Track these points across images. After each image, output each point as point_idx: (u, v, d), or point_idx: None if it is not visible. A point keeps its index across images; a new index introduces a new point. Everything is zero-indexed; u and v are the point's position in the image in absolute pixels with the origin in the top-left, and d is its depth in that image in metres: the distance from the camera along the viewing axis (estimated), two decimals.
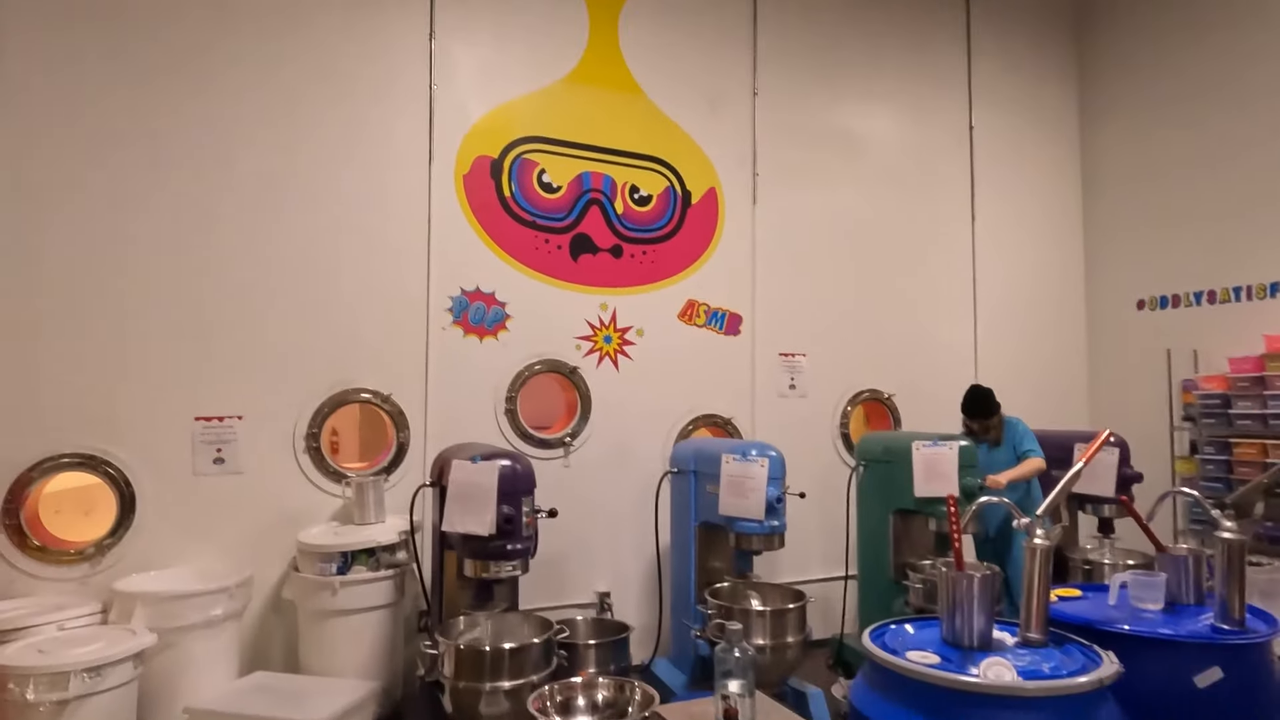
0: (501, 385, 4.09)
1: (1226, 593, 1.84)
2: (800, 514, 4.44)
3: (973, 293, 5.34)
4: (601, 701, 1.61)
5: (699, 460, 3.72)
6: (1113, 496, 4.15)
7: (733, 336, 4.64)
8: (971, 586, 1.77)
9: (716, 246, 4.62)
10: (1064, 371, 5.60)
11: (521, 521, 2.95)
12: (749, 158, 4.73)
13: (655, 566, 4.18)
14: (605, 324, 4.33)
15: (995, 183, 5.46)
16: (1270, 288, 4.72)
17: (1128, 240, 5.53)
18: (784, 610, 3.28)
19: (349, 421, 5.05)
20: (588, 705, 1.61)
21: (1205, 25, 5.10)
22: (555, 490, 4.00)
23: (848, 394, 4.93)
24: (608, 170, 4.36)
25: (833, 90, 5.00)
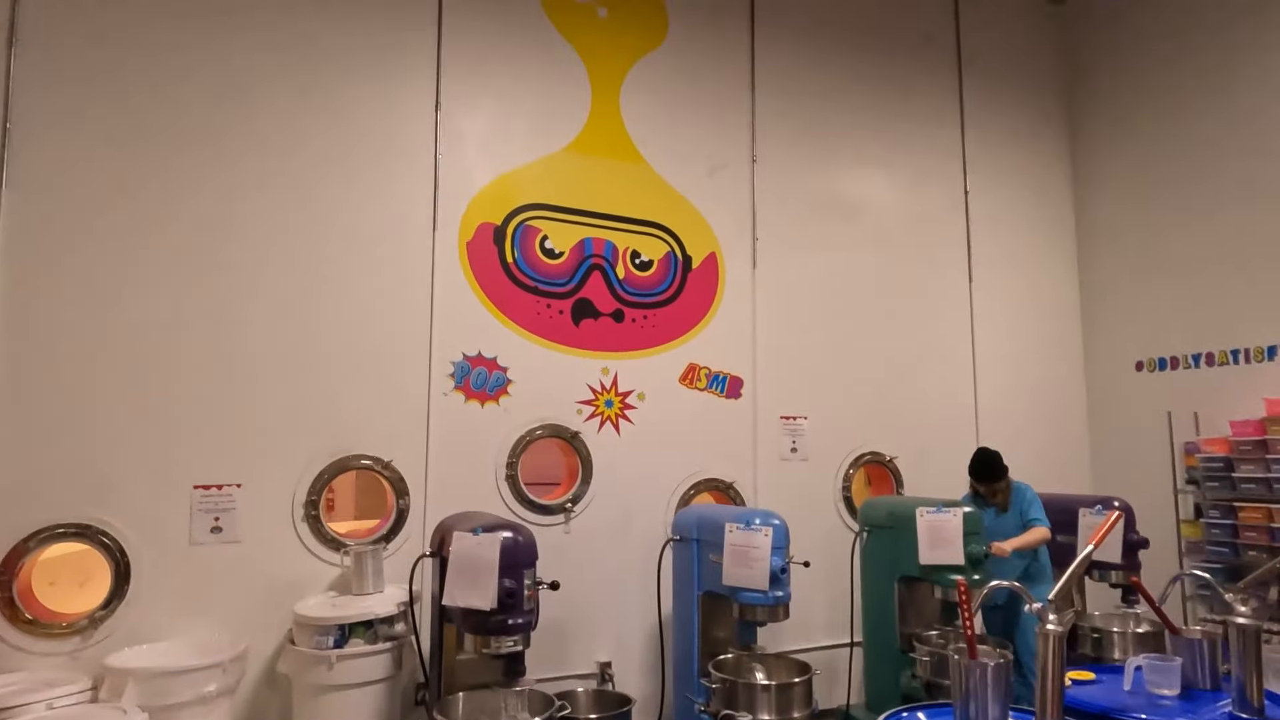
0: (503, 451, 4.07)
1: (1244, 679, 1.80)
2: (804, 580, 4.37)
3: (972, 355, 5.36)
4: None
5: (701, 528, 3.69)
6: (1119, 563, 4.11)
7: (734, 400, 4.64)
8: (985, 676, 1.74)
9: (717, 310, 4.65)
10: (1065, 433, 5.60)
11: (523, 595, 2.91)
12: (748, 223, 4.80)
13: (658, 636, 4.11)
14: (607, 388, 4.33)
15: (992, 247, 5.53)
16: (1268, 350, 4.75)
17: (1124, 302, 5.58)
18: (790, 684, 3.21)
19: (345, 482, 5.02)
20: None
21: (1191, 90, 5.23)
22: (556, 557, 3.95)
23: (849, 457, 4.91)
24: (609, 236, 4.41)
25: (830, 157, 5.09)
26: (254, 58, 3.76)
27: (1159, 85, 5.43)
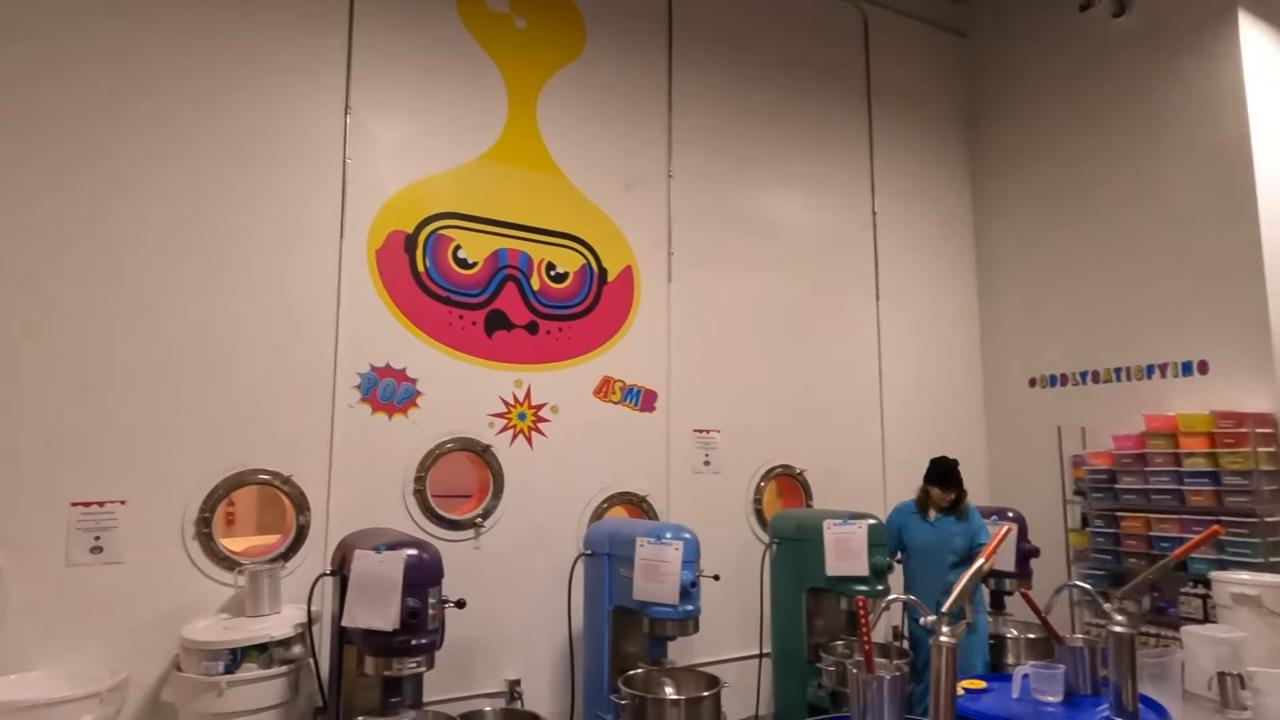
0: (410, 464, 3.97)
1: (1120, 684, 1.90)
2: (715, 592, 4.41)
3: (878, 371, 5.53)
4: None
5: (613, 543, 3.67)
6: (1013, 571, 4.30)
7: (648, 413, 4.65)
8: (882, 689, 1.78)
9: (632, 323, 4.66)
10: (964, 447, 5.82)
11: (428, 614, 2.83)
12: (664, 237, 4.83)
13: (569, 653, 4.06)
14: (519, 401, 4.28)
15: (898, 268, 5.73)
16: (1147, 369, 5.07)
17: (1019, 323, 5.86)
18: (698, 699, 3.22)
19: (246, 497, 4.80)
20: None
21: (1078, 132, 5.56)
22: (465, 573, 3.87)
23: (761, 470, 4.99)
24: (524, 247, 4.37)
25: (744, 175, 5.19)
26: (148, 44, 3.57)
27: (1049, 125, 5.76)
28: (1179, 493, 4.60)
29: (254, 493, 4.69)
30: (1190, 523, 4.56)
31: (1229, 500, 4.42)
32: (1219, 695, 2.60)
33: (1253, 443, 4.37)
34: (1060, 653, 2.11)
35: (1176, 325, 4.94)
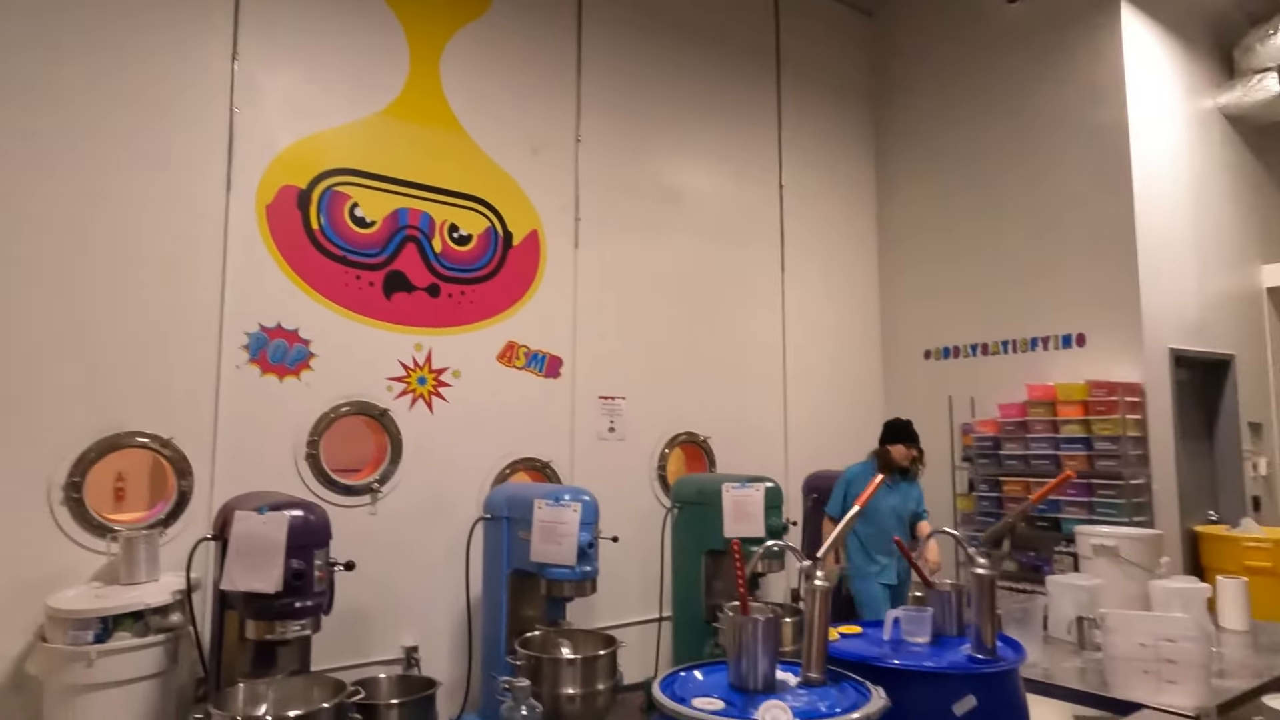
0: (303, 428, 3.83)
1: (980, 625, 2.00)
2: (618, 557, 4.46)
3: (782, 341, 5.65)
4: None
5: (512, 506, 3.65)
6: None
7: (553, 379, 4.62)
8: (756, 630, 1.82)
9: (538, 289, 4.61)
10: (863, 415, 6.02)
11: (313, 576, 2.75)
12: (571, 203, 4.79)
13: (466, 618, 4.03)
14: (420, 365, 4.18)
15: (803, 240, 5.85)
16: (1031, 342, 5.33)
17: (916, 296, 6.07)
18: (594, 657, 3.24)
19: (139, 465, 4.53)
20: None
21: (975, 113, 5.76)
22: (361, 540, 3.79)
23: (665, 437, 5.03)
24: (426, 208, 4.26)
25: (654, 144, 5.18)
26: None
27: (948, 105, 5.95)
28: (1055, 458, 4.87)
29: (145, 465, 4.45)
30: (1067, 487, 4.84)
31: (1099, 464, 4.71)
32: (1077, 638, 2.79)
33: (1122, 410, 4.66)
34: (929, 597, 2.21)
35: (1058, 301, 5.21)
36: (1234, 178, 5.76)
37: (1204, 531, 5.11)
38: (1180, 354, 5.07)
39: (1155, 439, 4.82)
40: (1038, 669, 2.59)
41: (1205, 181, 5.51)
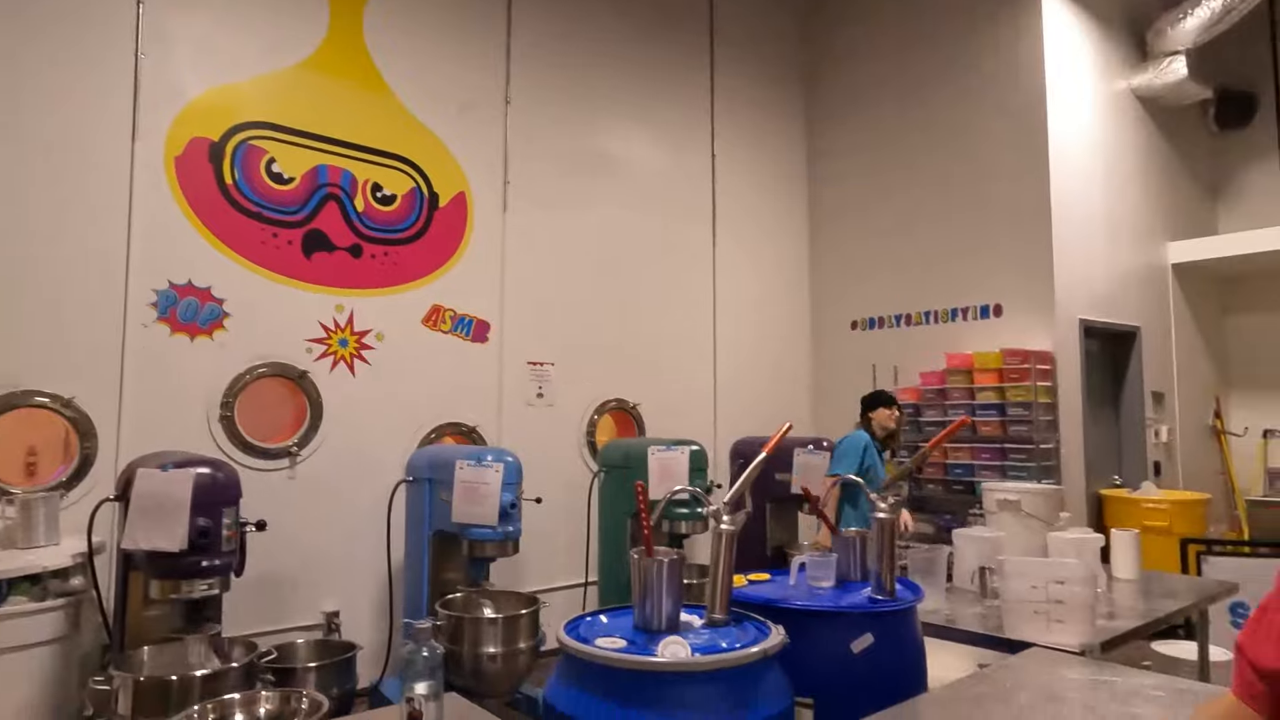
0: (217, 390, 3.72)
1: (880, 567, 2.06)
2: (546, 523, 4.47)
3: (713, 310, 5.69)
4: (264, 715, 1.47)
5: (434, 468, 3.61)
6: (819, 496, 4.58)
7: (480, 344, 4.58)
8: (661, 572, 1.85)
9: (465, 252, 4.54)
10: (791, 384, 6.13)
11: (221, 535, 2.68)
12: (500, 165, 4.72)
13: (388, 582, 3.99)
14: (341, 326, 4.09)
15: (735, 210, 5.89)
16: (951, 313, 5.48)
17: (844, 268, 6.18)
18: (516, 616, 3.25)
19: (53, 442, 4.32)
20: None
21: (902, 89, 5.86)
22: (280, 504, 3.72)
23: (595, 404, 5.04)
24: (347, 165, 4.14)
25: (586, 109, 5.13)
26: None
27: (877, 81, 6.04)
28: (972, 424, 5.04)
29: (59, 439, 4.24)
30: (980, 451, 5.02)
31: (1012, 429, 4.90)
32: (979, 586, 2.90)
33: (1033, 378, 4.85)
34: (835, 544, 2.27)
35: (977, 273, 5.37)
36: (1144, 158, 6.00)
37: (1108, 494, 5.37)
38: (1089, 325, 5.28)
39: (1064, 405, 5.02)
40: (941, 615, 2.68)
41: (1117, 161, 5.72)
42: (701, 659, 1.64)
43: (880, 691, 1.90)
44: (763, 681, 1.70)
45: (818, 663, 1.94)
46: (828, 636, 1.95)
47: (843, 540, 2.27)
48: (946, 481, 5.16)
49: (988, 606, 2.77)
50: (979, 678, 2.00)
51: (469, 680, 3.18)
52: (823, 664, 1.94)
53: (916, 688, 2.00)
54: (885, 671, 1.98)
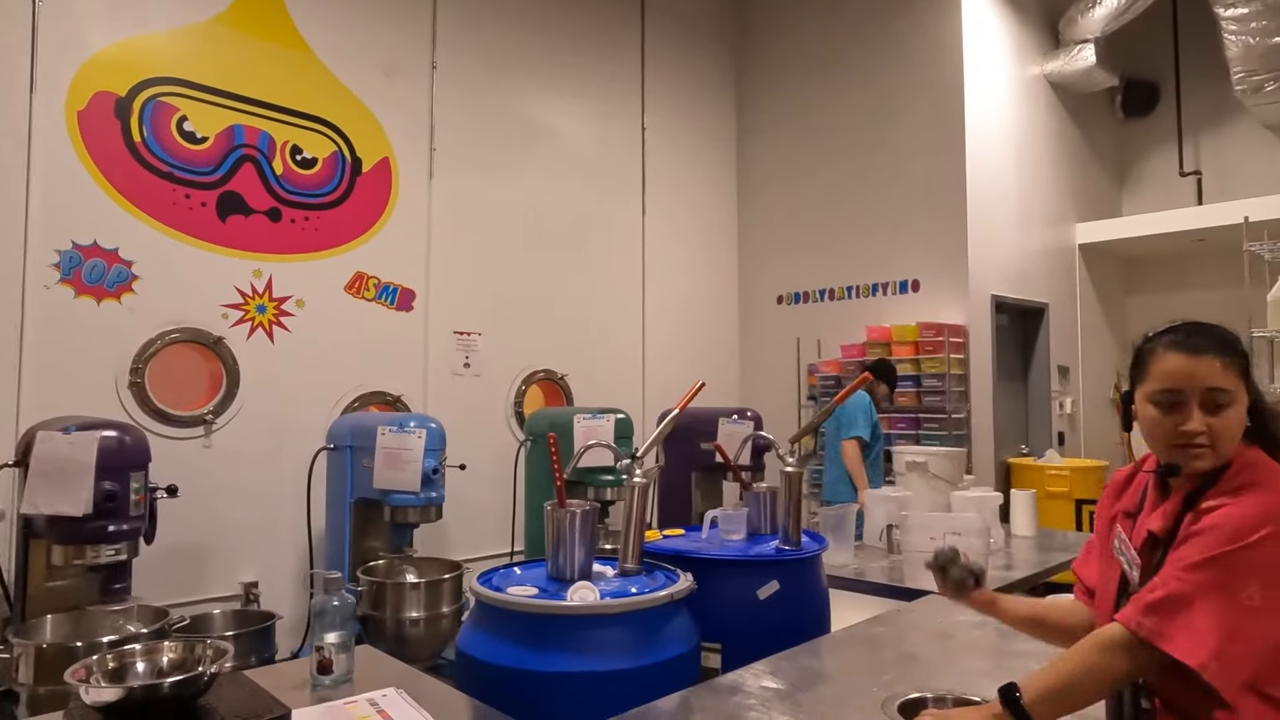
0: (126, 355, 3.60)
1: (787, 519, 2.15)
2: (474, 493, 4.48)
3: (641, 282, 5.74)
4: (167, 664, 1.46)
5: (356, 435, 3.57)
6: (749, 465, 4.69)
7: (405, 312, 4.52)
8: (574, 522, 1.89)
9: (389, 218, 4.47)
10: (719, 356, 6.24)
11: (129, 499, 2.62)
12: (426, 131, 4.65)
13: (308, 551, 3.94)
14: (259, 292, 3.99)
15: (664, 182, 5.92)
16: (872, 288, 5.65)
17: (771, 243, 6.30)
18: (439, 581, 3.26)
19: None
20: (149, 670, 1.45)
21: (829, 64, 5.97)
22: (195, 473, 3.64)
23: (523, 373, 5.04)
24: (265, 126, 4.03)
25: (514, 77, 5.08)
26: None
27: (805, 55, 6.14)
28: (889, 395, 5.21)
29: None
30: (896, 420, 5.21)
31: (926, 400, 5.10)
32: (886, 543, 3.05)
33: (947, 350, 5.05)
34: (747, 499, 2.36)
35: (897, 249, 5.55)
36: (1054, 142, 6.27)
37: (1014, 461, 5.64)
38: (1001, 300, 5.52)
39: (976, 377, 5.24)
40: (850, 569, 2.81)
41: (1029, 143, 5.96)
42: (609, 602, 1.69)
43: (785, 635, 1.99)
44: (669, 624, 1.77)
45: (727, 609, 2.02)
46: (736, 584, 2.03)
47: (754, 495, 2.36)
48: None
49: (893, 561, 2.91)
50: (876, 620, 2.11)
51: (392, 645, 3.18)
52: (731, 610, 2.02)
53: (820, 632, 2.10)
54: (790, 617, 2.07)
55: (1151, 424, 1.28)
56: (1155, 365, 1.28)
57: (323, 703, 1.57)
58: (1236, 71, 5.56)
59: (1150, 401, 1.28)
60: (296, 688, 1.64)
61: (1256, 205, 5.21)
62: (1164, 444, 1.27)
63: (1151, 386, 1.27)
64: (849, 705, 1.54)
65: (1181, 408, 1.24)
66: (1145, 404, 1.29)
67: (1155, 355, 1.28)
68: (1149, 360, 1.29)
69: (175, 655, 1.46)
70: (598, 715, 1.49)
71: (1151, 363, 1.29)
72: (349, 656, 1.70)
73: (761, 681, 1.69)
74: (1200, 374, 1.23)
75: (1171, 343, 1.28)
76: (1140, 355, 1.32)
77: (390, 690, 1.62)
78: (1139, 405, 1.31)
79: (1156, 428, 1.27)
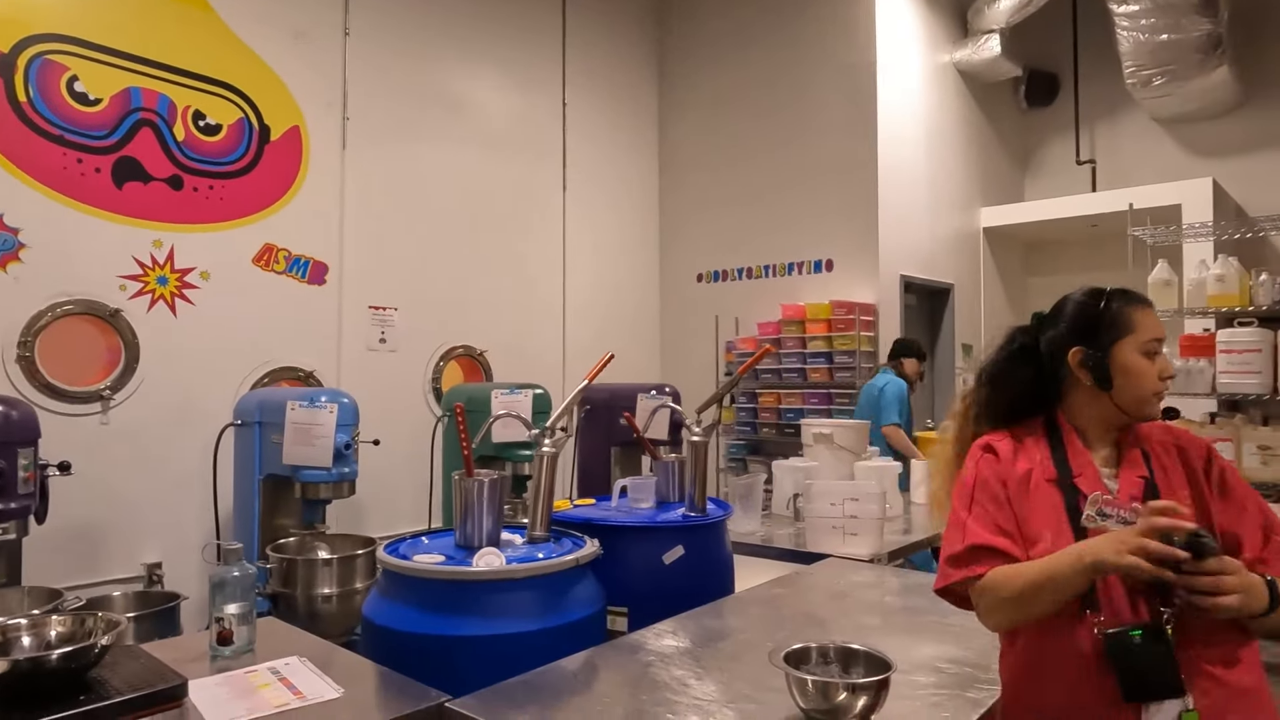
0: (13, 328, 3.42)
1: (693, 487, 2.22)
2: (390, 470, 4.44)
3: (562, 258, 5.74)
4: (55, 638, 1.43)
5: (264, 410, 3.49)
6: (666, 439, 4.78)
7: (317, 286, 4.42)
8: (482, 491, 1.91)
9: (300, 189, 4.35)
10: (641, 333, 6.30)
11: (17, 476, 2.51)
12: (339, 100, 4.53)
13: (215, 530, 3.84)
14: (160, 263, 3.84)
15: (585, 158, 5.92)
16: (788, 266, 5.79)
17: (692, 222, 6.38)
18: (351, 557, 3.23)
19: None
20: (36, 644, 1.42)
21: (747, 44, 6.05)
22: (92, 451, 3.50)
23: (441, 349, 4.99)
24: (165, 90, 3.85)
25: (431, 45, 4.98)
26: None
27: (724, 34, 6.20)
28: (803, 371, 5.38)
29: None
30: (809, 396, 5.38)
31: (838, 376, 5.27)
32: (793, 511, 3.16)
33: (858, 328, 5.22)
34: (655, 468, 2.42)
35: (812, 229, 5.69)
36: (962, 128, 6.51)
37: (921, 435, 5.89)
38: (909, 280, 5.73)
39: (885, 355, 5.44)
40: (757, 536, 2.92)
41: (939, 129, 6.18)
42: (514, 567, 1.73)
43: (690, 598, 2.06)
44: (574, 589, 1.82)
45: (634, 574, 2.08)
46: (642, 550, 2.09)
47: (663, 465, 2.42)
48: (779, 425, 5.50)
49: (798, 528, 3.03)
50: (777, 582, 2.21)
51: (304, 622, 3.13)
52: (638, 575, 2.08)
53: (723, 594, 2.18)
54: (695, 580, 2.14)
55: (1142, 373, 1.37)
56: (1138, 319, 1.39)
57: (222, 673, 1.56)
58: (1128, 66, 5.88)
59: (1143, 353, 1.38)
60: (195, 659, 1.62)
61: (1141, 193, 5.54)
62: (1150, 392, 1.38)
63: (1144, 337, 1.38)
64: (742, 660, 1.62)
65: (1159, 357, 1.38)
66: (1136, 356, 1.37)
67: (1133, 310, 1.40)
68: (1129, 316, 1.39)
69: (64, 629, 1.43)
70: (503, 676, 1.53)
71: (1133, 317, 1.39)
72: (251, 628, 1.69)
73: (663, 640, 1.76)
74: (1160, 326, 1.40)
75: (1138, 299, 1.41)
76: (1111, 314, 1.40)
77: (293, 659, 1.62)
78: (1127, 358, 1.38)
79: (1146, 376, 1.37)
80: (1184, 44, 5.52)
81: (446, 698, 1.42)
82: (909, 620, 1.91)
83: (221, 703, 1.42)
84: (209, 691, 1.46)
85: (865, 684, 1.27)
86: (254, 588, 1.69)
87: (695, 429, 2.25)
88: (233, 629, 1.64)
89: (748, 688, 1.47)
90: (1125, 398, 1.38)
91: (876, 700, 1.27)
